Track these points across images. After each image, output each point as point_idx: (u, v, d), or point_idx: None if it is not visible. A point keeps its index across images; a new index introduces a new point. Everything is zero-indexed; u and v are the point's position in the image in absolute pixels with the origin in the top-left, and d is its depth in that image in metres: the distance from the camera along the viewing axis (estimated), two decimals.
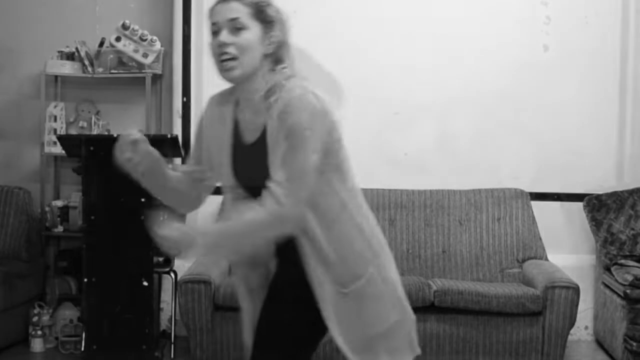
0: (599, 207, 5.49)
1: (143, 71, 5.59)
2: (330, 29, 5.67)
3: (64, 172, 5.83)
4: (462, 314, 4.93)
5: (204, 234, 2.54)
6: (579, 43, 5.68)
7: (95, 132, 5.63)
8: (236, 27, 2.58)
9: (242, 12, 2.58)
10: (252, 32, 2.59)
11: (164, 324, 5.48)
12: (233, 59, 2.58)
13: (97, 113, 5.76)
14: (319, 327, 2.68)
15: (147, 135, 5.31)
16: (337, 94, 3.07)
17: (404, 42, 5.69)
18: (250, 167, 2.67)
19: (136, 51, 5.55)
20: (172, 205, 2.87)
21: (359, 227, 2.69)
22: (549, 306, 4.89)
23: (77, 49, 5.62)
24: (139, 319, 4.87)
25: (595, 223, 5.48)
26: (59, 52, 5.67)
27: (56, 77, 5.78)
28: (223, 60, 2.59)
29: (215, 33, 2.61)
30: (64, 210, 5.60)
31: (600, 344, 5.53)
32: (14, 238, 5.44)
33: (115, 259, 4.85)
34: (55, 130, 5.57)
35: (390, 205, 5.57)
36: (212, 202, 5.61)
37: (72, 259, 5.54)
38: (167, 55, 5.74)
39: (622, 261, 5.26)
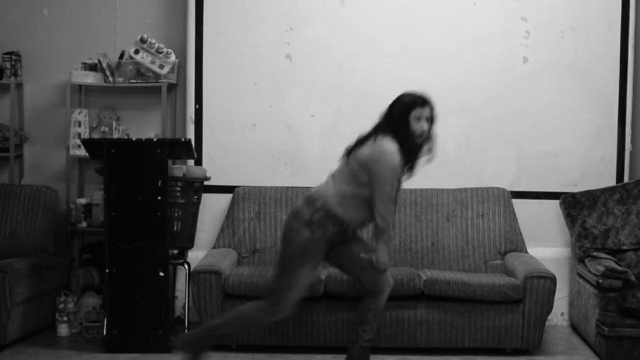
0: (573, 205, 5.48)
1: (159, 81, 5.59)
2: (328, 44, 5.64)
3: (88, 173, 5.81)
4: (449, 302, 4.92)
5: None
6: (555, 55, 5.66)
7: (115, 136, 5.64)
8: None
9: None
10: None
11: (178, 310, 5.50)
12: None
13: (118, 119, 5.75)
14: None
15: (163, 139, 5.45)
16: None
17: (397, 56, 5.65)
18: None
19: (153, 63, 5.56)
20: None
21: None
22: (529, 294, 4.89)
23: (99, 60, 5.62)
24: (155, 306, 4.89)
25: (571, 219, 5.47)
26: (82, 63, 5.67)
27: (80, 86, 5.76)
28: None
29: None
30: (88, 208, 5.60)
31: (575, 328, 5.54)
32: (42, 233, 5.40)
33: (134, 251, 4.87)
34: (79, 135, 5.58)
35: None
36: (220, 200, 5.61)
37: (95, 251, 5.56)
38: (181, 66, 5.71)
39: (595, 254, 5.27)
